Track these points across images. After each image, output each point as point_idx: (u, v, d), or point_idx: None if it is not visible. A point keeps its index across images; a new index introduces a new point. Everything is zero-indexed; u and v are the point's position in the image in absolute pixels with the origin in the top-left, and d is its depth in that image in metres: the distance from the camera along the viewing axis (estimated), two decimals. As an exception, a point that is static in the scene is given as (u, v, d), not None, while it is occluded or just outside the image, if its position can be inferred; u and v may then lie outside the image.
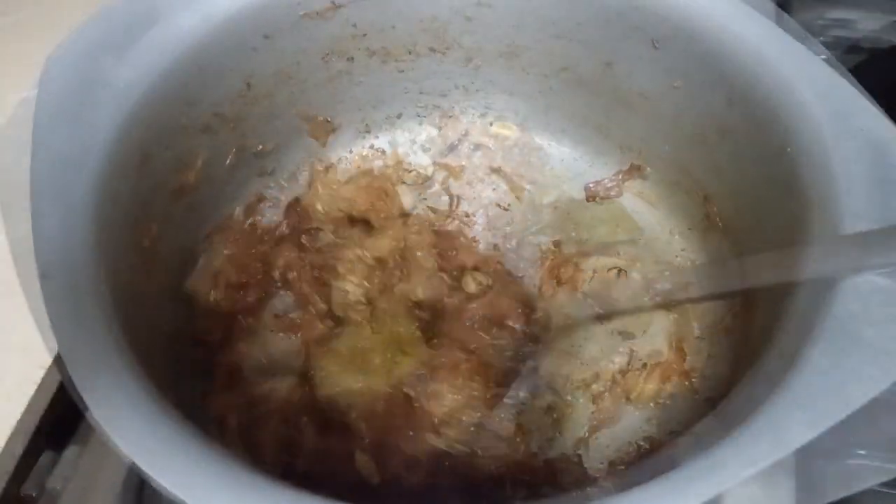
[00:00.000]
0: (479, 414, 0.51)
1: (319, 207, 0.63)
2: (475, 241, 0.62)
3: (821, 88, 0.46)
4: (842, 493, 0.50)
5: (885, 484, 0.51)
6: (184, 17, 0.50)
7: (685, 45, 0.52)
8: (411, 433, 0.50)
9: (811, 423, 0.34)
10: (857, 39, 0.76)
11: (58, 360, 0.38)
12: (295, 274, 0.59)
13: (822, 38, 0.78)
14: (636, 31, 0.54)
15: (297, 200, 0.65)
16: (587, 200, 0.64)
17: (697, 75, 0.52)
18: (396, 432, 0.50)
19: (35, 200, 0.42)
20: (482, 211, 0.64)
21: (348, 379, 0.53)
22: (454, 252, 0.61)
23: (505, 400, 0.52)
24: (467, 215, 0.64)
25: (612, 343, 0.54)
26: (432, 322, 0.57)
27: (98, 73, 0.48)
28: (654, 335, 0.54)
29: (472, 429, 0.51)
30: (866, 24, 0.76)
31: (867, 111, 0.45)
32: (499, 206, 0.65)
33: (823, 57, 0.49)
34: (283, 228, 0.63)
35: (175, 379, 0.52)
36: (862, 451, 0.51)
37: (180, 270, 0.57)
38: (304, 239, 0.61)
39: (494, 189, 0.66)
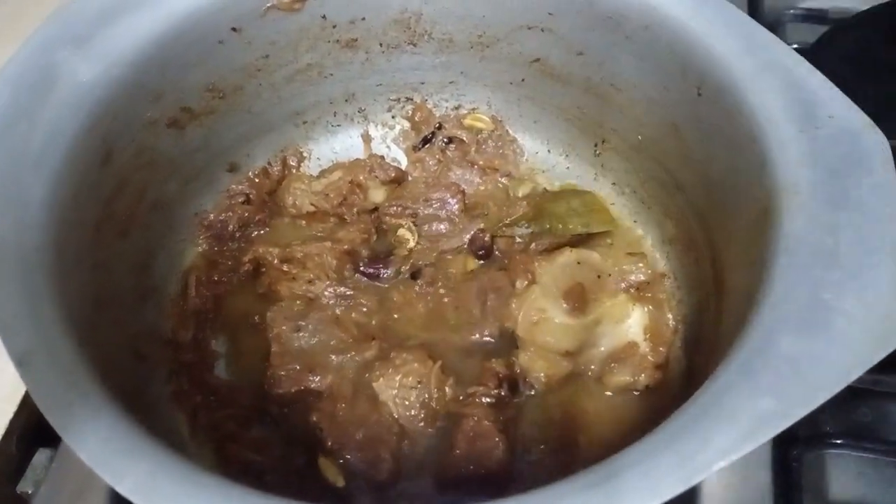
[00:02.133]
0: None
1: (291, 202, 0.62)
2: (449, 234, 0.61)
3: (788, 76, 0.46)
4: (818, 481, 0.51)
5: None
6: (147, 10, 0.49)
7: (655, 34, 0.52)
8: (374, 431, 0.50)
9: (784, 413, 0.33)
10: (826, 10, 0.78)
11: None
12: (264, 270, 0.58)
13: (791, 11, 0.79)
14: (606, 21, 0.54)
15: (268, 195, 0.64)
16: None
17: (667, 65, 0.52)
18: (358, 432, 0.50)
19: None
20: (456, 203, 0.63)
21: (307, 378, 0.52)
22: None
23: (483, 399, 0.51)
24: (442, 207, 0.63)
25: (587, 336, 0.53)
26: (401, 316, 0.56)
27: (59, 68, 0.46)
28: (629, 327, 0.53)
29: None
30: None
31: (838, 100, 0.45)
32: (473, 198, 0.64)
33: (795, 46, 0.49)
34: (254, 225, 0.62)
35: (142, 378, 0.51)
36: (838, 441, 0.52)
37: (147, 270, 0.56)
38: (271, 234, 0.61)
39: (468, 182, 0.65)
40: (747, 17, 0.49)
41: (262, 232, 0.62)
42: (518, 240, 0.60)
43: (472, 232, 0.60)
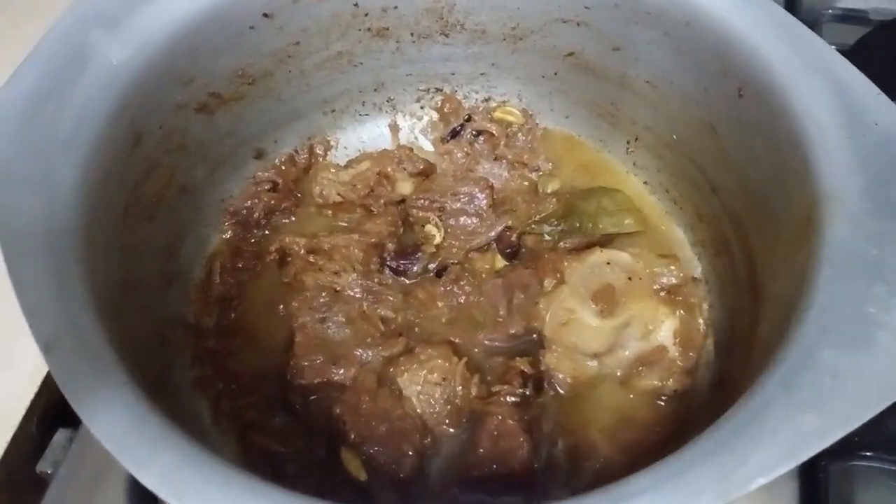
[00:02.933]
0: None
1: (318, 191, 0.62)
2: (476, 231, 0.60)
3: (835, 80, 0.45)
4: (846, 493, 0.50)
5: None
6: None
7: (696, 32, 0.51)
8: (398, 426, 0.49)
9: (825, 430, 0.33)
10: (865, 11, 0.76)
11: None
12: (290, 259, 0.58)
13: (830, 10, 0.77)
14: (646, 16, 0.53)
15: (294, 184, 0.63)
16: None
17: (708, 63, 0.51)
18: (382, 426, 0.49)
19: (15, 184, 0.40)
20: (484, 198, 0.62)
21: (331, 370, 0.52)
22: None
23: (507, 398, 0.50)
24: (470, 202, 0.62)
25: (615, 338, 0.52)
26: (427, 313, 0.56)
27: (90, 50, 0.46)
28: (659, 331, 0.52)
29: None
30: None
31: (884, 106, 0.43)
32: (501, 193, 0.63)
33: (833, 47, 0.48)
34: (279, 213, 0.61)
35: (166, 364, 0.51)
36: (867, 453, 0.51)
37: (173, 255, 0.55)
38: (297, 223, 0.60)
39: (497, 176, 0.64)
40: (792, 17, 0.48)
41: (287, 220, 0.62)
42: (547, 238, 0.59)
43: (500, 229, 0.59)
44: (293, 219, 0.62)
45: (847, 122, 0.43)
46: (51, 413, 0.53)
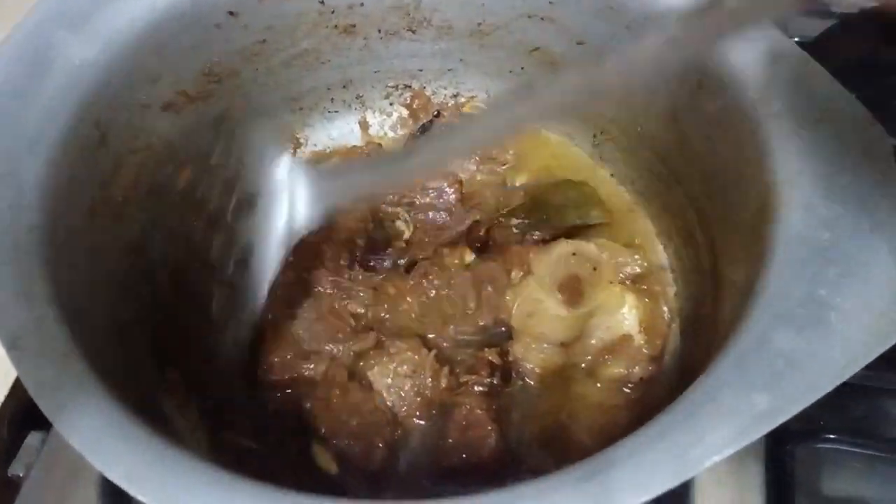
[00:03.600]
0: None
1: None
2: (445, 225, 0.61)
3: (790, 70, 0.46)
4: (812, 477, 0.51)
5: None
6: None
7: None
8: (368, 420, 0.50)
9: (778, 409, 0.33)
10: (828, 4, 0.76)
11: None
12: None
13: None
14: (608, 10, 0.53)
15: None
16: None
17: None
18: (352, 420, 0.50)
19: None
20: (453, 192, 0.62)
21: (301, 365, 0.52)
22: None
23: (475, 388, 0.51)
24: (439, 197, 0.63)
25: (582, 327, 0.53)
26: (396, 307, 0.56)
27: (55, 49, 0.46)
28: (624, 319, 0.53)
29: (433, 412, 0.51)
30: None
31: (838, 94, 0.44)
32: (470, 187, 0.64)
33: (797, 39, 0.49)
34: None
35: (133, 363, 0.51)
36: (832, 436, 0.52)
37: (140, 254, 0.55)
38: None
39: (465, 170, 0.64)
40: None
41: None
42: (514, 231, 0.59)
43: (468, 223, 0.60)
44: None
45: (801, 111, 0.44)
46: (22, 415, 0.52)
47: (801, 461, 0.52)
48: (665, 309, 0.54)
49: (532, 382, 0.53)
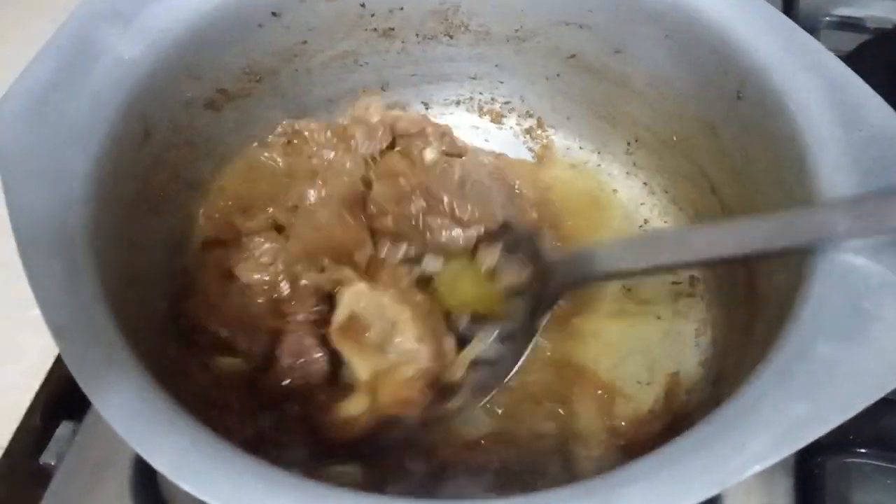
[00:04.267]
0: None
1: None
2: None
3: (829, 80, 0.46)
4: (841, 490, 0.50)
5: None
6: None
7: (696, 34, 0.52)
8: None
9: (820, 419, 0.33)
10: (862, 19, 0.77)
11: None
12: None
13: (827, 18, 0.78)
14: (647, 19, 0.54)
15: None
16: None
17: (707, 65, 0.52)
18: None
19: (31, 178, 0.41)
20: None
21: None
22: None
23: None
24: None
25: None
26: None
27: (102, 45, 0.47)
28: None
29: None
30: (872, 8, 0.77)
31: (878, 105, 0.44)
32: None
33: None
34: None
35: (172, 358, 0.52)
36: (863, 450, 0.51)
37: (178, 250, 0.56)
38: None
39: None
40: (789, 20, 0.49)
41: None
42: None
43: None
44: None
45: (841, 121, 0.44)
46: (55, 405, 0.54)
47: (830, 474, 0.51)
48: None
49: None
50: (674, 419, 0.51)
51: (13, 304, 0.50)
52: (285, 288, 0.53)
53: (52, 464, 0.52)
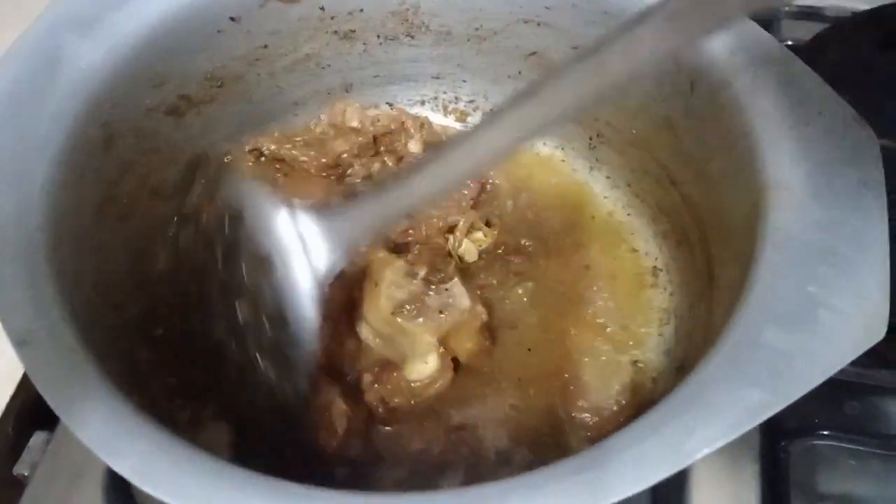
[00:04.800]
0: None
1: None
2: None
3: (780, 73, 0.47)
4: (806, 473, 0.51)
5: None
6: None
7: (650, 30, 0.52)
8: None
9: (768, 403, 0.34)
10: (822, 8, 0.78)
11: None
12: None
13: (786, 7, 0.79)
14: (604, 16, 0.55)
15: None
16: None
17: (662, 60, 0.52)
18: None
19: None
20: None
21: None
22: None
23: None
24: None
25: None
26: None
27: (62, 52, 0.47)
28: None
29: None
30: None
31: (828, 97, 0.45)
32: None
33: (788, 43, 0.50)
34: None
35: (140, 365, 0.52)
36: (827, 432, 0.53)
37: (147, 256, 0.56)
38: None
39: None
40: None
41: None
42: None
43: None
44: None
45: (792, 113, 0.45)
46: (27, 415, 0.53)
47: (795, 458, 0.52)
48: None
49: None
50: (639, 409, 0.51)
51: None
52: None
53: (26, 474, 0.51)
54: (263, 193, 0.47)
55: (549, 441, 0.51)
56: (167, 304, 0.54)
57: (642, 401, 0.52)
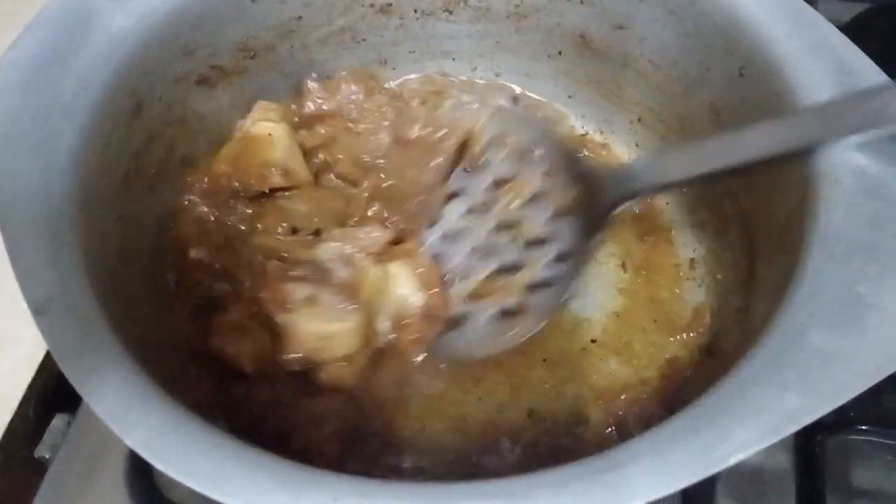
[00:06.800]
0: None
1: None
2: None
3: (835, 59, 0.45)
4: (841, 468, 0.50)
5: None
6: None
7: (701, 10, 0.50)
8: None
9: (809, 409, 0.33)
10: None
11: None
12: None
13: None
14: (647, -6, 0.52)
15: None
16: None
17: (711, 43, 0.51)
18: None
19: (16, 148, 0.40)
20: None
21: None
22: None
23: None
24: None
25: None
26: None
27: (94, 16, 0.46)
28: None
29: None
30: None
31: (886, 87, 0.43)
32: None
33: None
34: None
35: (164, 335, 0.51)
36: (863, 427, 0.51)
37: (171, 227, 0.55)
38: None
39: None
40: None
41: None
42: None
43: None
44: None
45: (844, 105, 0.42)
46: (48, 397, 0.53)
47: (831, 452, 0.51)
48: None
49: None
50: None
51: (6, 294, 0.50)
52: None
53: (47, 457, 0.51)
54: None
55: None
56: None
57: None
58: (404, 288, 0.52)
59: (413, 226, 0.55)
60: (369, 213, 0.55)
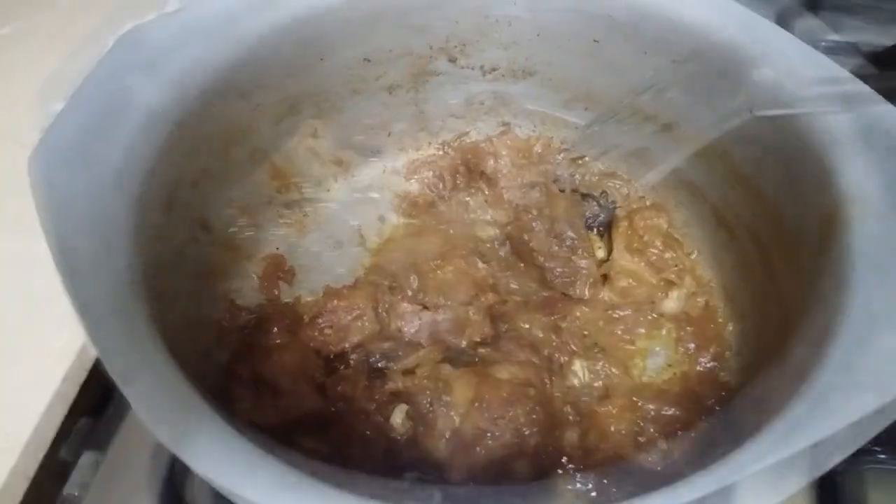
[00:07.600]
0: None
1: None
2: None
3: (844, 94, 0.48)
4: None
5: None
6: (218, 38, 0.49)
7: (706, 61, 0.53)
8: None
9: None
10: (856, 43, 0.78)
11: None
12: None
13: (823, 43, 0.79)
14: (653, 45, 0.56)
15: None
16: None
17: (718, 88, 0.54)
18: None
19: (77, 225, 0.40)
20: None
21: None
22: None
23: None
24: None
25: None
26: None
27: (130, 92, 0.46)
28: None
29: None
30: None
31: (892, 114, 0.46)
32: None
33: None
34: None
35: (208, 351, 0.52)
36: (882, 455, 0.52)
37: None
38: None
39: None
40: (794, 37, 0.51)
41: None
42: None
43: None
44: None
45: (861, 132, 0.46)
46: (79, 435, 0.52)
47: (847, 476, 0.51)
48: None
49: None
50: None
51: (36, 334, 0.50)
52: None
53: (76, 494, 0.50)
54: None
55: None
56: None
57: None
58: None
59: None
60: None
